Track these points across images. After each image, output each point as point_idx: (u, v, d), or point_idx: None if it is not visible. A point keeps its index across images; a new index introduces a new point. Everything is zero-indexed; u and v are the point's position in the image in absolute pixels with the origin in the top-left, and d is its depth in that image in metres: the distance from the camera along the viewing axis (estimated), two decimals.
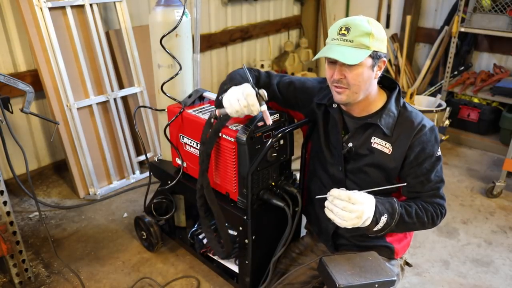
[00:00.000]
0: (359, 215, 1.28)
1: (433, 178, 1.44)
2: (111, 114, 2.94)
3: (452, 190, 2.97)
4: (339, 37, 1.34)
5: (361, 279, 1.18)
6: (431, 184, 1.45)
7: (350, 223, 1.28)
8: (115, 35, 3.01)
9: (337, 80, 1.38)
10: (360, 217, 1.28)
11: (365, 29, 1.32)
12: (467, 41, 3.83)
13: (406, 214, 1.40)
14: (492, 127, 3.64)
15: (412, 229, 1.51)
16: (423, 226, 1.45)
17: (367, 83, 1.38)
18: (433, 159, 1.44)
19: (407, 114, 1.45)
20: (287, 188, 1.71)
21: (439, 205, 1.47)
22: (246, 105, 1.43)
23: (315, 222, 1.76)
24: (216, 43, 3.96)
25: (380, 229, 1.35)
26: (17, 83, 1.97)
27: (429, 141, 1.43)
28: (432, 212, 1.44)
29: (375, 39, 1.33)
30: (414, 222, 1.41)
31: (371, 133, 1.47)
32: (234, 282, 2.00)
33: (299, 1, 4.76)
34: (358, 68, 1.34)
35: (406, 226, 1.42)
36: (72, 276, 2.15)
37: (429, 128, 1.43)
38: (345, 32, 1.33)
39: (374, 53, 1.34)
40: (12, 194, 2.82)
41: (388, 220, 1.35)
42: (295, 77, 1.71)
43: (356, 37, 1.32)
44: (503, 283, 2.16)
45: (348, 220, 1.28)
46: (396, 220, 1.37)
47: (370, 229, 1.35)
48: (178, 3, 1.94)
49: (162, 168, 2.16)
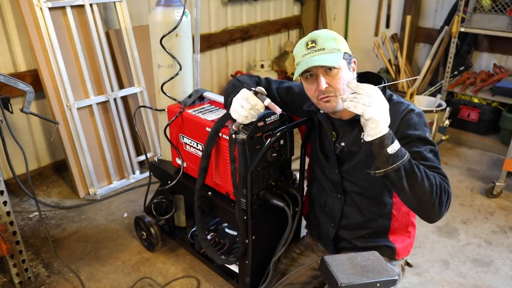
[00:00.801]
0: (381, 108, 1.20)
1: (429, 156, 1.35)
2: (111, 114, 2.94)
3: (452, 190, 2.95)
4: (309, 51, 1.37)
5: (362, 278, 1.18)
6: (428, 161, 1.34)
7: (373, 110, 1.19)
8: (115, 35, 3.01)
9: (323, 91, 1.37)
10: (382, 111, 1.21)
11: (329, 35, 1.39)
12: (467, 41, 3.83)
13: (416, 166, 1.27)
14: (492, 127, 3.64)
15: (420, 191, 1.27)
16: (431, 192, 1.27)
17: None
18: (425, 141, 1.37)
19: (393, 105, 1.42)
20: (287, 188, 1.72)
21: (444, 177, 1.33)
22: (251, 107, 1.45)
23: (316, 227, 1.76)
24: (216, 43, 3.96)
25: (394, 153, 1.22)
26: (17, 83, 1.97)
27: (418, 123, 1.38)
28: (440, 181, 1.30)
29: (340, 42, 1.39)
30: (423, 178, 1.26)
31: (360, 129, 1.46)
32: (234, 282, 2.00)
33: (299, 1, 4.76)
34: (338, 72, 1.37)
35: (415, 180, 1.25)
36: (72, 276, 2.15)
37: (417, 112, 1.40)
38: (313, 44, 1.37)
39: (345, 55, 1.39)
40: (12, 194, 2.82)
41: (402, 150, 1.24)
42: (294, 82, 1.73)
43: (325, 44, 1.37)
44: (503, 283, 2.16)
45: (372, 105, 1.19)
46: (407, 158, 1.24)
47: (385, 147, 1.21)
48: (178, 3, 1.94)
49: (162, 168, 2.16)
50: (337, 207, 1.61)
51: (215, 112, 1.88)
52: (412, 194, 1.28)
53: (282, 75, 4.49)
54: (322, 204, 1.67)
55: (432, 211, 1.31)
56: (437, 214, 1.31)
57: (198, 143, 1.86)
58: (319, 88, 1.37)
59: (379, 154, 1.23)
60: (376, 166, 1.25)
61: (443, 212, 1.32)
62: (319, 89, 1.38)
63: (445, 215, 1.45)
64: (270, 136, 1.61)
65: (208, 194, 1.87)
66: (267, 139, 1.60)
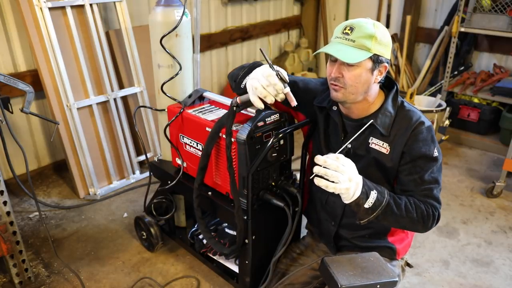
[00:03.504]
0: (351, 176, 1.26)
1: (426, 178, 1.40)
2: (111, 114, 2.94)
3: (452, 190, 2.97)
4: (342, 36, 1.35)
5: (363, 279, 1.18)
6: (425, 184, 1.41)
7: (344, 186, 1.25)
8: (115, 35, 3.00)
9: (335, 78, 1.38)
10: (351, 180, 1.26)
11: (369, 31, 1.32)
12: (467, 41, 3.83)
13: (395, 204, 1.36)
14: (492, 127, 3.64)
15: (402, 225, 1.42)
16: (413, 223, 1.39)
17: (365, 86, 1.38)
18: (429, 159, 1.40)
19: (405, 113, 1.44)
20: (287, 188, 1.71)
21: (432, 205, 1.41)
22: (269, 84, 1.38)
23: (317, 224, 1.76)
24: (216, 43, 3.96)
25: (371, 206, 1.31)
26: (17, 83, 1.97)
27: (426, 139, 1.40)
28: (423, 211, 1.38)
29: (377, 43, 1.33)
30: (403, 215, 1.36)
31: (369, 134, 1.47)
32: (234, 282, 2.00)
33: (299, 1, 4.76)
34: (356, 69, 1.34)
35: (395, 218, 1.36)
36: (72, 276, 2.15)
37: (427, 127, 1.42)
38: (349, 32, 1.34)
39: (375, 57, 1.34)
40: (12, 194, 2.82)
41: (379, 197, 1.32)
42: (298, 77, 1.71)
43: (358, 37, 1.32)
44: (503, 283, 2.16)
45: (342, 182, 1.25)
46: (385, 203, 1.33)
47: (362, 205, 1.30)
48: (178, 3, 1.94)
49: (162, 168, 2.16)
50: (338, 205, 1.61)
51: (215, 112, 1.88)
52: (394, 226, 1.49)
53: None
54: (324, 202, 1.66)
55: (417, 231, 1.48)
56: (422, 232, 1.48)
57: (198, 143, 1.86)
58: (332, 74, 1.39)
59: (359, 211, 1.34)
60: (360, 218, 1.37)
61: (430, 229, 1.45)
62: (332, 75, 1.39)
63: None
64: (270, 136, 1.61)
65: (208, 194, 1.87)
66: (267, 139, 1.60)
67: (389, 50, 1.38)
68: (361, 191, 1.29)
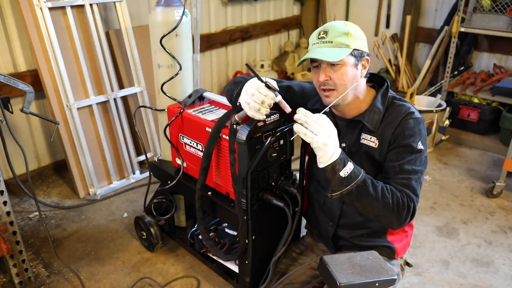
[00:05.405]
0: (330, 135, 1.27)
1: (406, 168, 1.39)
2: (111, 114, 2.94)
3: (452, 190, 2.97)
4: (318, 41, 1.40)
5: (361, 278, 1.18)
6: (404, 173, 1.39)
7: (322, 140, 1.25)
8: (115, 35, 3.01)
9: (323, 82, 1.41)
10: (330, 138, 1.27)
11: (342, 29, 1.38)
12: (467, 41, 3.83)
13: (372, 185, 1.33)
14: (492, 127, 3.64)
15: (376, 211, 1.37)
16: (387, 211, 1.35)
17: (353, 82, 1.41)
18: (412, 149, 1.39)
19: (395, 107, 1.46)
20: (287, 188, 1.71)
21: (408, 196, 1.37)
22: (262, 99, 1.41)
23: (315, 224, 1.77)
24: (216, 43, 3.97)
25: (346, 176, 1.29)
26: (17, 83, 1.97)
27: (412, 129, 1.40)
28: (399, 198, 1.35)
29: (353, 38, 1.38)
30: (378, 198, 1.33)
31: (360, 130, 1.50)
32: (234, 282, 2.00)
33: (299, 1, 4.76)
34: (341, 68, 1.38)
35: (369, 200, 1.33)
36: (72, 276, 2.15)
37: (415, 118, 1.42)
38: (324, 35, 1.39)
39: (355, 52, 1.39)
40: (12, 194, 2.82)
41: (355, 170, 1.31)
42: (293, 81, 1.74)
43: (334, 37, 1.37)
44: (503, 283, 2.16)
45: (321, 135, 1.26)
46: (361, 178, 1.31)
47: (337, 172, 1.29)
48: (178, 3, 1.94)
49: (162, 168, 2.16)
50: (336, 206, 1.61)
51: (215, 112, 1.88)
52: (368, 211, 1.39)
53: (282, 75, 4.50)
54: (321, 203, 1.67)
55: (391, 223, 1.42)
56: (396, 225, 1.42)
57: (198, 143, 1.86)
58: (319, 79, 1.41)
59: (333, 178, 1.31)
60: (332, 189, 1.33)
61: (404, 224, 1.41)
62: (320, 80, 1.41)
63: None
64: (270, 136, 1.61)
65: (208, 194, 1.87)
66: (267, 139, 1.60)
67: (366, 44, 1.43)
68: (338, 157, 1.29)
